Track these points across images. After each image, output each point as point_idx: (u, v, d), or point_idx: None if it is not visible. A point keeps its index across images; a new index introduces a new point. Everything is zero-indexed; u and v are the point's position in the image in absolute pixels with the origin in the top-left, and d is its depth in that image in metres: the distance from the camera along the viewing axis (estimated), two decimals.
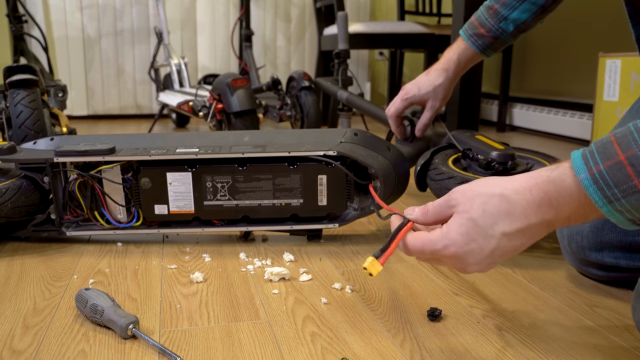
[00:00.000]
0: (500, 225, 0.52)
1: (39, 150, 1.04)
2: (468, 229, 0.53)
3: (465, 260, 0.54)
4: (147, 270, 0.93)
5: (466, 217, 0.53)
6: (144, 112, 3.18)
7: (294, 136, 1.04)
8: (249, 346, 0.68)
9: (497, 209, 0.52)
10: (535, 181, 0.51)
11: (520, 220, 0.51)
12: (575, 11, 2.38)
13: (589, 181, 0.48)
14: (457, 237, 0.53)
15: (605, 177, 0.47)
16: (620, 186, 0.46)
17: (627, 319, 0.75)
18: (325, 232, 1.11)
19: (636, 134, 0.47)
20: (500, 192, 0.52)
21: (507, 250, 0.53)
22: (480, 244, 0.53)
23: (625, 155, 0.46)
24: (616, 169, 0.47)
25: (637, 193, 0.46)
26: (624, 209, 0.47)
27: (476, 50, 1.08)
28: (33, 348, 0.68)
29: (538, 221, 0.51)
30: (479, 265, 0.54)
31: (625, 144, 0.47)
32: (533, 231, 0.52)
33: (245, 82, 1.89)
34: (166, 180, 1.00)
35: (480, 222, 0.52)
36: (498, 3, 1.04)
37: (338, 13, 2.11)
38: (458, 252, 0.54)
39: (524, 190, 0.51)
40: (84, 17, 3.00)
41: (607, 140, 0.49)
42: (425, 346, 0.68)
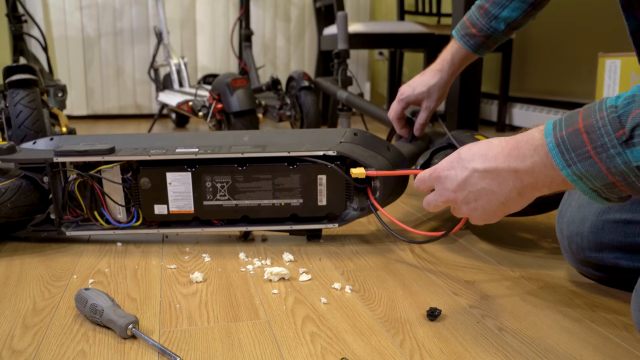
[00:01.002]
0: (475, 161, 0.62)
1: (38, 150, 1.04)
2: (453, 158, 0.65)
3: (442, 184, 0.66)
4: (146, 270, 0.93)
5: (456, 153, 0.65)
6: (144, 112, 3.18)
7: (294, 136, 1.04)
8: (249, 346, 0.68)
9: (478, 149, 0.62)
10: (515, 135, 0.59)
11: (490, 161, 0.60)
12: (575, 11, 2.38)
13: (552, 144, 0.53)
14: (444, 163, 0.66)
15: (565, 141, 0.52)
16: (576, 150, 0.51)
17: (627, 319, 0.75)
18: (324, 232, 1.11)
19: (597, 107, 0.51)
20: (488, 140, 0.62)
21: (477, 189, 0.62)
22: (457, 172, 0.63)
23: (584, 124, 0.51)
24: (574, 135, 0.52)
25: (590, 159, 0.50)
26: (582, 175, 0.52)
27: (469, 50, 1.09)
28: (33, 348, 0.68)
29: (504, 167, 0.59)
30: (455, 193, 0.64)
31: (587, 114, 0.52)
32: (500, 177, 0.59)
33: (244, 82, 1.89)
34: (166, 180, 1.00)
35: (462, 156, 0.63)
36: (488, 2, 1.05)
37: (338, 13, 2.11)
38: (440, 175, 0.66)
39: (505, 140, 0.60)
40: (84, 16, 3.00)
41: (576, 111, 0.54)
42: (425, 346, 0.68)
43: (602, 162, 0.50)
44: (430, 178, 0.68)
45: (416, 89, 1.13)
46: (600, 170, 0.50)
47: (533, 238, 1.10)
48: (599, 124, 0.50)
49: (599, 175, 0.51)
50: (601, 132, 0.50)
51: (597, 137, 0.50)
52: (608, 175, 0.50)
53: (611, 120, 0.49)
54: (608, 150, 0.49)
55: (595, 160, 0.50)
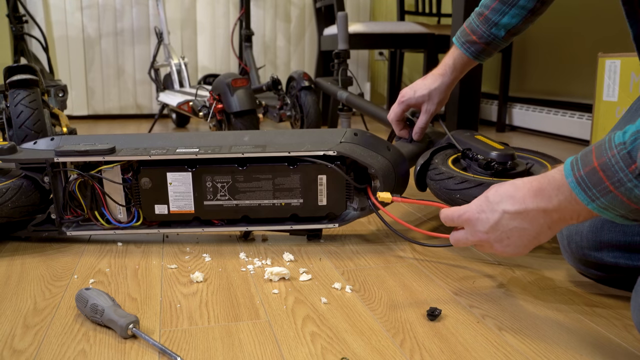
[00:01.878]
0: (504, 203, 0.65)
1: (39, 150, 1.04)
2: (481, 202, 0.68)
3: (474, 226, 0.69)
4: (147, 270, 0.93)
5: (484, 196, 0.69)
6: (144, 112, 3.18)
7: (294, 136, 1.04)
8: (249, 346, 0.69)
9: (505, 192, 0.66)
10: (537, 177, 0.64)
11: (519, 203, 0.64)
12: (575, 12, 2.38)
13: (574, 184, 0.58)
14: (472, 206, 0.70)
15: (585, 180, 0.57)
16: (597, 187, 0.56)
17: (627, 319, 0.76)
18: (325, 232, 1.11)
19: (607, 145, 0.56)
20: (513, 182, 0.66)
21: (510, 228, 0.66)
22: (488, 215, 0.67)
23: (598, 162, 0.56)
24: (592, 174, 0.57)
25: (610, 193, 0.55)
26: (606, 206, 0.57)
27: (470, 57, 1.10)
28: (33, 348, 0.68)
29: (533, 207, 0.63)
30: (487, 234, 0.68)
31: (599, 153, 0.57)
32: (530, 216, 0.64)
33: (245, 82, 1.89)
34: (166, 180, 1.00)
35: (490, 199, 0.67)
36: (488, 9, 1.05)
37: (338, 13, 2.11)
38: (471, 218, 0.69)
39: (529, 181, 0.64)
40: (84, 17, 3.00)
41: (589, 149, 0.58)
42: (425, 346, 0.69)
43: (622, 194, 0.55)
44: (460, 220, 0.72)
45: (417, 92, 1.14)
46: (622, 201, 0.55)
47: None
48: (612, 162, 0.55)
49: (622, 205, 0.56)
50: (615, 169, 0.55)
51: (613, 173, 0.55)
52: (630, 204, 0.55)
53: (622, 157, 0.54)
54: (625, 184, 0.54)
55: (615, 194, 0.55)
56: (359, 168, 1.02)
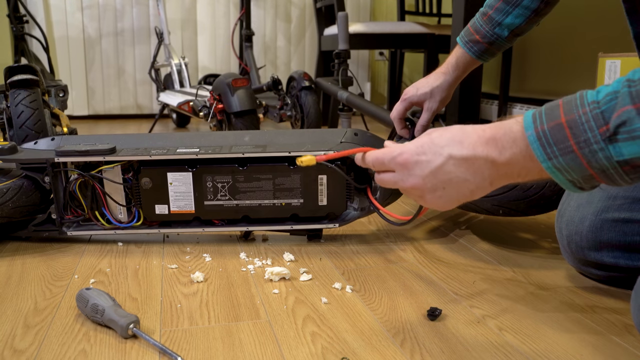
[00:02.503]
0: (450, 147, 0.59)
1: (39, 150, 1.04)
2: (423, 143, 0.61)
3: (410, 170, 0.62)
4: (147, 270, 0.93)
5: (427, 136, 0.62)
6: (145, 112, 3.18)
7: (294, 136, 1.04)
8: (250, 346, 0.69)
9: (452, 135, 0.60)
10: (490, 125, 0.58)
11: (467, 149, 0.58)
12: (575, 11, 2.38)
13: (533, 138, 0.53)
14: (411, 147, 0.62)
15: (547, 135, 0.53)
16: (559, 145, 0.52)
17: (627, 319, 0.76)
18: (325, 232, 1.11)
19: (578, 101, 0.52)
20: (461, 126, 0.60)
21: (450, 178, 0.59)
22: (429, 158, 0.60)
23: (566, 119, 0.52)
24: (556, 130, 0.52)
25: (571, 153, 0.51)
26: (561, 167, 0.52)
27: (472, 56, 1.09)
28: (34, 347, 0.68)
29: (483, 155, 0.57)
30: (424, 180, 0.61)
31: (568, 109, 0.52)
32: (477, 165, 0.58)
33: (245, 82, 1.89)
34: (167, 180, 1.00)
35: (435, 141, 0.60)
36: (492, 9, 1.04)
37: (338, 13, 2.11)
38: (408, 160, 0.62)
39: (480, 128, 0.59)
40: (85, 17, 3.00)
41: (555, 103, 0.54)
42: (425, 346, 0.69)
43: (584, 156, 0.51)
44: (394, 162, 0.64)
45: (420, 90, 1.13)
46: (581, 164, 0.51)
47: (533, 238, 1.10)
48: (582, 120, 0.51)
49: (580, 168, 0.52)
50: (584, 127, 0.51)
51: (580, 132, 0.51)
52: (588, 168, 0.51)
53: (594, 116, 0.50)
54: (591, 145, 0.50)
55: (577, 154, 0.51)
56: (359, 168, 1.02)
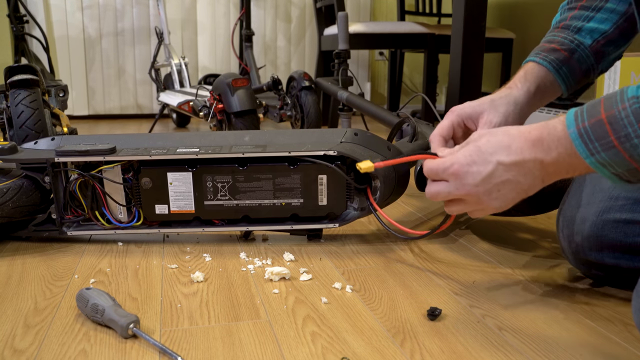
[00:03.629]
0: (499, 154, 0.60)
1: (40, 150, 1.04)
2: (472, 152, 0.62)
3: (463, 180, 0.63)
4: (147, 269, 0.93)
5: (474, 145, 0.63)
6: (145, 112, 3.18)
7: (294, 136, 1.04)
8: (250, 346, 0.69)
9: (499, 141, 0.61)
10: (535, 126, 0.59)
11: (515, 154, 0.59)
12: None
13: (575, 135, 0.55)
14: (461, 158, 0.63)
15: (588, 132, 0.54)
16: (600, 141, 0.53)
17: (627, 319, 0.76)
18: (325, 232, 1.11)
19: (619, 97, 0.53)
20: (506, 130, 0.61)
21: (502, 181, 0.61)
22: (479, 167, 0.61)
23: (606, 115, 0.53)
24: (597, 126, 0.53)
25: (613, 148, 0.52)
26: (605, 162, 0.54)
27: (547, 67, 0.82)
28: (34, 347, 0.68)
29: (531, 158, 0.59)
30: (477, 187, 0.62)
31: (609, 105, 0.53)
32: (526, 168, 0.59)
33: (245, 82, 1.89)
34: (167, 180, 1.00)
35: (483, 149, 0.61)
36: (566, 18, 0.85)
37: (338, 13, 2.11)
38: (459, 171, 0.63)
39: (525, 130, 0.59)
40: (85, 17, 3.00)
41: (597, 101, 0.55)
42: (426, 346, 0.69)
43: (625, 150, 0.52)
44: (447, 173, 0.65)
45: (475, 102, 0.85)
46: (624, 158, 0.52)
47: (533, 238, 1.10)
48: (622, 115, 0.52)
49: (623, 162, 0.53)
50: (624, 122, 0.51)
51: (621, 127, 0.52)
52: (631, 162, 0.52)
53: (634, 111, 0.51)
54: (632, 140, 0.51)
55: (618, 149, 0.52)
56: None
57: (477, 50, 1.52)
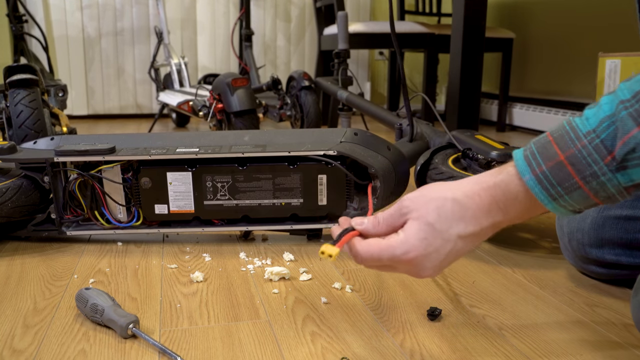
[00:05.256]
0: (455, 228, 0.53)
1: (39, 150, 1.04)
2: (427, 233, 0.54)
3: (422, 265, 0.55)
4: (147, 269, 0.93)
5: (424, 222, 0.54)
6: (144, 111, 3.18)
7: (294, 136, 1.04)
8: (249, 346, 0.69)
9: (451, 213, 0.53)
10: (481, 186, 0.54)
11: (472, 224, 0.53)
12: (575, 11, 2.38)
13: (533, 182, 0.51)
14: (417, 243, 0.54)
15: (548, 177, 0.50)
16: (563, 184, 0.50)
17: (627, 319, 0.76)
18: (325, 232, 1.11)
19: (572, 134, 0.50)
20: (452, 197, 0.54)
21: (459, 253, 0.55)
22: (438, 247, 0.54)
23: (565, 155, 0.49)
24: (557, 169, 0.49)
25: (578, 189, 0.49)
26: (567, 204, 0.51)
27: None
28: (33, 347, 0.68)
29: (488, 224, 0.54)
30: (434, 269, 0.55)
31: (564, 144, 0.50)
32: (484, 233, 0.54)
33: (245, 82, 1.89)
34: (166, 179, 1.00)
35: (437, 227, 0.53)
36: None
37: (338, 13, 2.11)
38: (417, 257, 0.54)
39: (473, 194, 0.53)
40: (84, 16, 3.00)
41: (545, 140, 0.51)
42: (426, 346, 0.69)
43: (591, 189, 0.49)
44: (396, 260, 0.55)
45: None
46: (587, 196, 0.50)
47: (533, 238, 1.10)
48: (583, 154, 0.49)
49: (586, 201, 0.50)
50: (587, 161, 0.48)
51: (585, 167, 0.49)
52: (594, 199, 0.50)
53: (595, 148, 0.48)
54: (598, 178, 0.48)
55: (584, 189, 0.49)
56: (360, 168, 1.02)
57: (477, 50, 1.52)
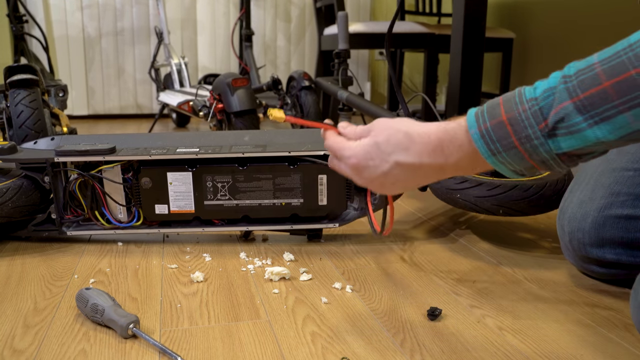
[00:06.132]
0: (397, 155, 0.61)
1: (39, 150, 1.04)
2: (371, 148, 0.63)
3: (360, 173, 0.65)
4: (147, 269, 0.93)
5: (373, 140, 0.63)
6: (145, 112, 3.18)
7: (294, 136, 1.04)
8: (249, 346, 0.69)
9: (399, 142, 0.61)
10: (433, 129, 0.60)
11: (413, 157, 0.60)
12: (575, 11, 2.38)
13: (477, 136, 0.56)
14: (360, 152, 0.63)
15: (490, 133, 0.55)
16: (501, 142, 0.55)
17: (627, 318, 0.76)
18: (325, 232, 1.11)
19: (517, 99, 0.54)
20: (406, 130, 0.61)
21: (398, 179, 0.62)
22: (376, 163, 0.62)
23: (507, 117, 0.54)
24: (498, 128, 0.55)
25: (514, 148, 0.54)
26: (505, 161, 0.56)
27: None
28: (34, 347, 0.68)
29: (429, 162, 0.60)
30: (371, 182, 0.64)
31: (509, 107, 0.55)
32: (424, 171, 0.60)
33: (245, 82, 1.89)
34: (166, 180, 1.00)
35: (382, 147, 0.62)
36: None
37: (338, 13, 2.11)
38: (357, 164, 0.64)
39: (425, 134, 0.60)
40: (85, 16, 3.00)
41: (496, 102, 0.56)
42: (426, 346, 0.69)
43: (525, 151, 0.54)
44: (346, 162, 0.66)
45: None
46: (523, 157, 0.54)
47: (533, 238, 1.10)
48: (522, 117, 0.53)
49: (522, 161, 0.55)
50: (524, 124, 0.53)
51: (521, 129, 0.53)
52: (529, 160, 0.55)
53: (533, 113, 0.53)
54: (532, 141, 0.53)
55: (519, 149, 0.54)
56: None
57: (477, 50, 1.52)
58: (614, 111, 0.49)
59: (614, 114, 0.49)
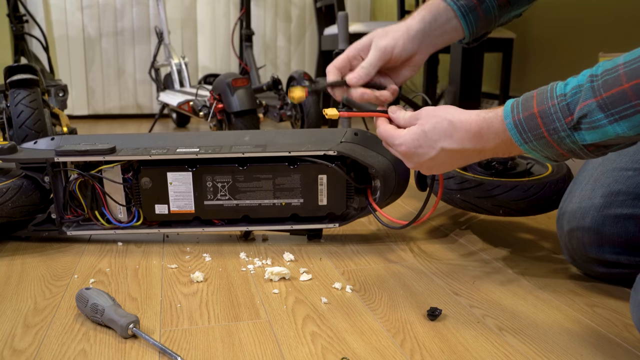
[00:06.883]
0: (442, 142, 0.68)
1: (39, 150, 1.04)
2: (419, 136, 0.70)
3: (410, 158, 0.73)
4: (147, 269, 0.93)
5: (421, 129, 0.70)
6: (145, 111, 3.18)
7: (294, 136, 1.04)
8: (249, 346, 0.69)
9: (443, 130, 0.68)
10: (475, 118, 0.67)
11: (456, 143, 0.68)
12: (575, 10, 2.38)
13: (511, 125, 0.63)
14: (409, 141, 0.71)
15: (522, 123, 0.62)
16: (532, 132, 0.61)
17: (627, 319, 0.76)
18: (325, 232, 1.11)
19: (549, 94, 0.61)
20: (450, 119, 0.68)
21: (443, 162, 0.70)
22: (425, 150, 0.70)
23: (538, 110, 0.61)
24: (530, 119, 0.61)
25: (543, 138, 0.61)
26: (536, 148, 0.63)
27: (453, 9, 0.80)
28: (34, 347, 0.68)
29: (471, 147, 0.67)
30: (415, 164, 0.73)
31: (540, 101, 0.61)
32: (466, 154, 0.69)
33: (245, 82, 1.89)
34: (166, 180, 1.00)
35: (429, 135, 0.69)
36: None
37: (338, 13, 2.11)
38: (407, 152, 0.72)
39: (467, 121, 0.67)
40: (85, 16, 3.00)
41: (530, 95, 0.63)
42: (426, 346, 0.69)
43: (554, 141, 0.60)
44: (396, 149, 0.74)
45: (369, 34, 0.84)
46: (552, 146, 0.61)
47: (533, 238, 1.10)
48: (551, 111, 0.60)
49: (552, 150, 0.62)
50: (553, 117, 0.60)
51: (550, 121, 0.60)
52: (558, 149, 0.61)
53: (561, 108, 0.59)
54: (559, 132, 0.59)
55: (548, 139, 0.61)
56: (360, 168, 1.02)
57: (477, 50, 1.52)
58: (632, 110, 0.54)
59: (632, 113, 0.55)
